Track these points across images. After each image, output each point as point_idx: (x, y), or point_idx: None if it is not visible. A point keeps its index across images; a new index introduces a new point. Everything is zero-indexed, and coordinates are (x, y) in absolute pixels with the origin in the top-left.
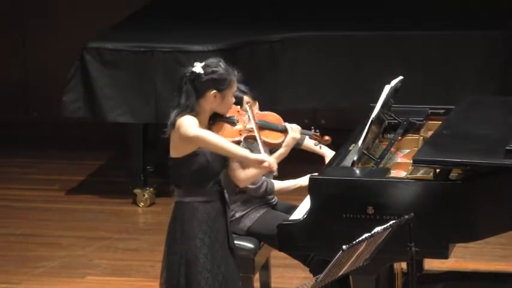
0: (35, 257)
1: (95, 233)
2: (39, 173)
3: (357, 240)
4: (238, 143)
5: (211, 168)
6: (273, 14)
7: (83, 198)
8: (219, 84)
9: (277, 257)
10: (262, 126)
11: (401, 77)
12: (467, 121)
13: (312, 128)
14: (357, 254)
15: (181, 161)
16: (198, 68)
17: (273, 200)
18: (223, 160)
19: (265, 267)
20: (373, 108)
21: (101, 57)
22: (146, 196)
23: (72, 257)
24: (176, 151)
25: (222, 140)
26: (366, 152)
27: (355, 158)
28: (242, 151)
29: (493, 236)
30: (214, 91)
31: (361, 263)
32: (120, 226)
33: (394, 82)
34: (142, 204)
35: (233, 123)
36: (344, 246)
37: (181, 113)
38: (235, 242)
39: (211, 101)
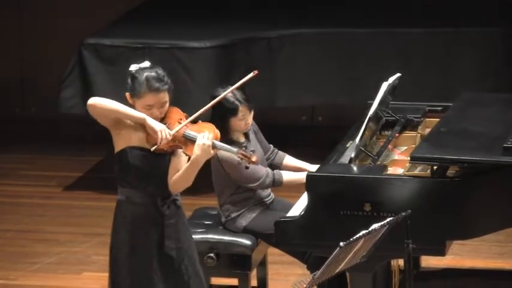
0: (32, 253)
1: (91, 229)
2: (36, 169)
3: (354, 237)
4: (162, 150)
5: (135, 169)
6: (271, 10)
7: (80, 195)
8: (131, 89)
9: (274, 254)
10: (186, 136)
11: (398, 74)
12: (465, 118)
13: (244, 145)
14: (354, 251)
15: (114, 157)
16: (134, 66)
17: (269, 199)
18: (154, 162)
19: (262, 263)
20: (370, 105)
21: (98, 53)
22: None
23: (69, 253)
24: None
25: (117, 105)
26: (363, 149)
27: (352, 155)
28: (138, 114)
29: (490, 233)
30: (128, 93)
31: (358, 260)
32: None
33: (391, 79)
34: None
35: None
36: (341, 243)
37: None
38: (232, 238)
39: (130, 102)
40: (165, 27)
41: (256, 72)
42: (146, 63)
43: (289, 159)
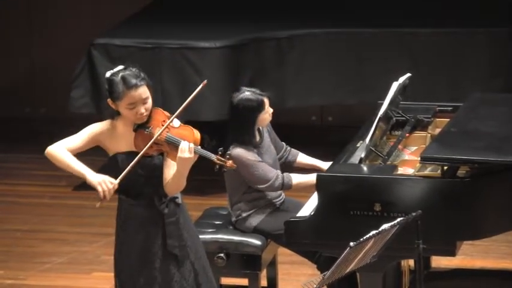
0: (42, 253)
1: (101, 229)
2: (45, 168)
3: (364, 237)
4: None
5: (122, 170)
6: (280, 10)
7: (89, 194)
8: (111, 94)
9: (284, 254)
10: (168, 140)
11: (409, 74)
12: (475, 118)
13: (220, 150)
14: (364, 251)
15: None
16: (108, 72)
17: (279, 199)
18: (144, 165)
19: (272, 264)
20: (380, 105)
21: (108, 53)
22: None
23: (78, 253)
24: None
25: (64, 158)
26: (373, 149)
27: (362, 155)
28: (82, 170)
29: (500, 233)
30: (109, 99)
31: (369, 260)
32: None
33: (401, 79)
34: None
35: (146, 133)
36: (351, 243)
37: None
38: (243, 238)
39: (112, 107)
40: (174, 27)
41: (205, 82)
42: (120, 67)
43: (302, 157)
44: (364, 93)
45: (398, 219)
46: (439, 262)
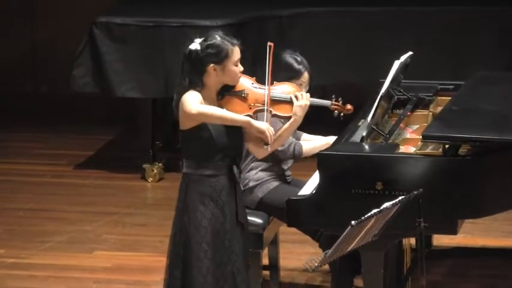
0: (43, 231)
1: (103, 208)
2: (47, 147)
3: (366, 216)
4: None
5: (215, 142)
6: None
7: (91, 173)
8: (216, 56)
9: (286, 233)
10: (275, 99)
11: (410, 53)
12: (476, 97)
13: (333, 96)
14: (365, 229)
15: (187, 134)
16: (195, 44)
17: (288, 177)
18: (232, 134)
19: (274, 242)
20: (382, 83)
21: (109, 32)
22: (155, 171)
23: (80, 232)
24: (182, 124)
25: (221, 112)
26: (375, 127)
27: (364, 134)
28: (244, 118)
29: (501, 212)
30: (212, 65)
31: (370, 239)
32: (129, 201)
33: (403, 57)
34: (151, 179)
35: (242, 97)
36: (353, 222)
37: (183, 92)
38: None
39: (213, 75)
40: (176, 6)
41: (271, 44)
42: (198, 39)
43: (306, 136)
44: (367, 72)
45: (400, 198)
46: (441, 240)
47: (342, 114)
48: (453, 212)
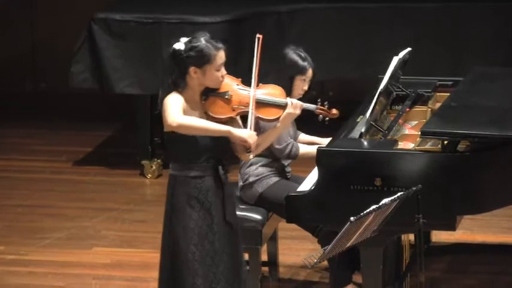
0: (42, 228)
1: (102, 204)
2: (46, 144)
3: (365, 212)
4: (230, 119)
5: (199, 144)
6: None
7: (90, 170)
8: (197, 60)
9: (285, 229)
10: (260, 101)
11: (409, 49)
12: (475, 93)
13: (319, 100)
14: (364, 225)
15: (170, 136)
16: (180, 44)
17: (288, 173)
18: (219, 137)
19: (273, 238)
20: (381, 79)
21: (108, 28)
22: (154, 167)
23: (79, 228)
24: (165, 127)
25: (201, 123)
26: (373, 123)
27: (363, 130)
28: (224, 128)
29: (500, 208)
30: (193, 67)
31: (369, 235)
32: (128, 197)
33: (402, 53)
34: (149, 175)
35: (226, 98)
36: (352, 218)
37: (167, 91)
38: (243, 213)
39: (194, 77)
40: (175, 2)
41: (260, 36)
42: (184, 38)
43: (303, 136)
44: (365, 68)
45: (399, 194)
46: (440, 237)
47: (327, 118)
48: (452, 208)
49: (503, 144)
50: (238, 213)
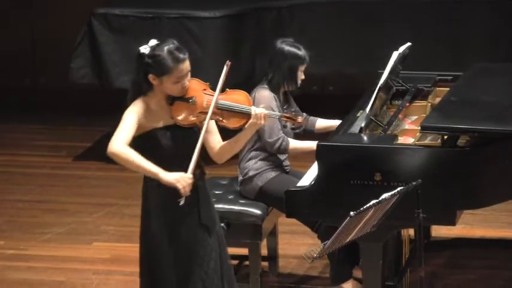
0: (42, 223)
1: (101, 199)
2: (46, 139)
3: (365, 207)
4: (195, 124)
5: (167, 150)
6: None
7: (90, 165)
8: (156, 69)
9: (285, 224)
10: (224, 108)
11: (409, 44)
12: (475, 88)
13: (285, 107)
14: (364, 220)
15: (135, 141)
16: (145, 48)
17: (287, 167)
18: (186, 138)
19: (273, 233)
20: (381, 74)
21: (108, 23)
22: None
23: (79, 223)
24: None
25: (135, 161)
26: (373, 118)
27: (362, 125)
28: (155, 170)
29: (500, 203)
30: (152, 75)
31: (369, 230)
32: (127, 192)
33: (402, 48)
34: None
35: (190, 103)
36: (351, 213)
37: (132, 95)
38: (243, 208)
39: (154, 83)
40: None
41: (229, 63)
42: (153, 41)
43: (320, 121)
44: (365, 63)
45: (399, 189)
46: (439, 231)
47: (293, 125)
48: (452, 203)
49: (502, 139)
50: (238, 208)
